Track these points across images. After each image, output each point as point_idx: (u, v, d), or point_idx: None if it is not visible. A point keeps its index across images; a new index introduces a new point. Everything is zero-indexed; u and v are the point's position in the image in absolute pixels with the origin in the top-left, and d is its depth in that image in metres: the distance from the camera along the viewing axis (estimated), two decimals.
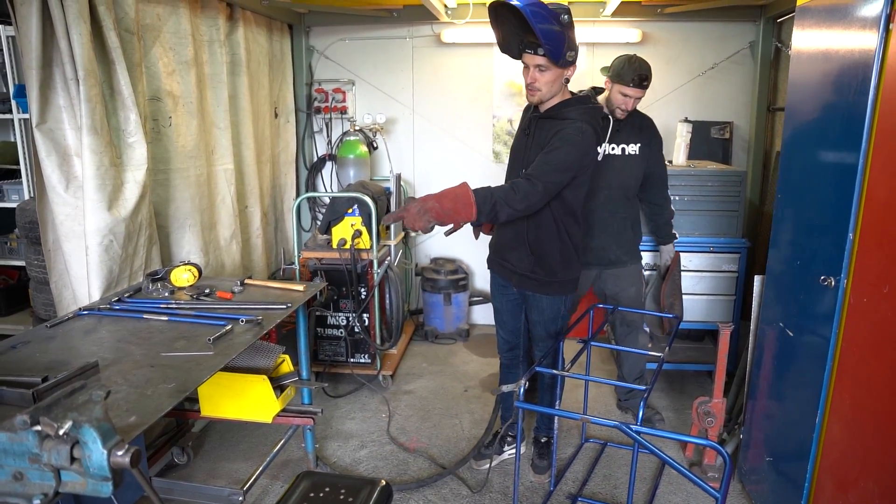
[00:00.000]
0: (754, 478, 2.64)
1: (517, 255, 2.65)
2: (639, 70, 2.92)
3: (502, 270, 2.78)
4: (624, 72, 2.93)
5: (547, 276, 2.62)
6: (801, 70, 2.34)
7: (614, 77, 2.97)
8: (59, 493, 1.31)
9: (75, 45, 2.35)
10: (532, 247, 2.60)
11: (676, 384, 3.89)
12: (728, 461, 1.87)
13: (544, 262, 2.61)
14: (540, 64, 2.37)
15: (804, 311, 2.24)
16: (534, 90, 2.43)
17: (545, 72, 2.38)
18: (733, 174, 3.54)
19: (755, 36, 4.13)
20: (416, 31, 4.54)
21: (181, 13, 3.06)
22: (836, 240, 2.00)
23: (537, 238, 2.58)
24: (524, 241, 2.61)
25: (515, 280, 2.71)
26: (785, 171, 2.45)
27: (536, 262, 2.61)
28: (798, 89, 2.36)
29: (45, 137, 2.46)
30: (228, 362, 2.63)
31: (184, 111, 3.12)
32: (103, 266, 2.57)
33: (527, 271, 2.64)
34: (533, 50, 2.34)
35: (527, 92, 2.47)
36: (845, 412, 1.99)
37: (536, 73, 2.39)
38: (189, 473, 2.93)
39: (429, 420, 3.50)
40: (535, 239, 2.59)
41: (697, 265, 3.59)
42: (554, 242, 2.58)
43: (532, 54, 2.36)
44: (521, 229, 2.60)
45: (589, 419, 2.14)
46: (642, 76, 2.93)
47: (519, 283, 2.71)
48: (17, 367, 1.93)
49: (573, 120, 2.42)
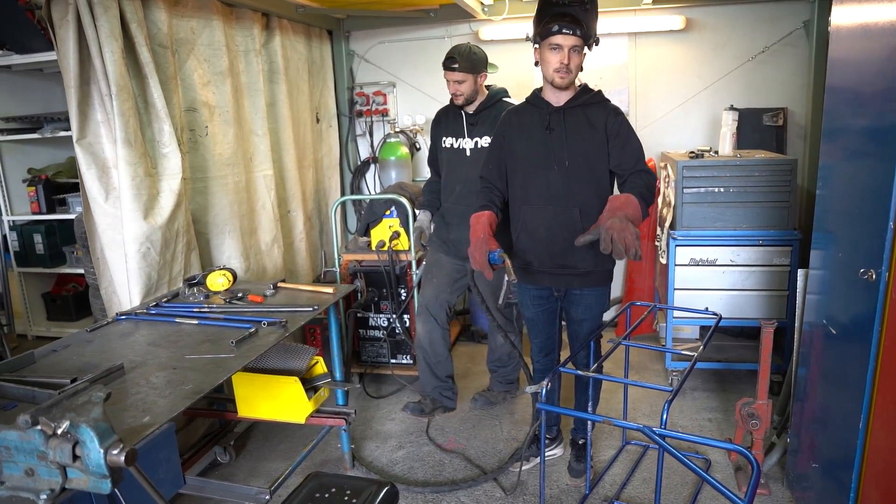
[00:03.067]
0: (802, 485, 2.49)
1: (578, 254, 2.51)
2: (450, 51, 3.05)
3: (554, 280, 2.63)
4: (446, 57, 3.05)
5: (607, 264, 2.59)
6: (840, 48, 2.18)
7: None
8: (66, 489, 1.38)
9: (108, 63, 2.47)
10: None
11: (729, 384, 3.72)
12: (756, 466, 1.76)
13: (602, 252, 2.54)
14: (576, 45, 2.36)
15: (846, 307, 2.08)
16: (567, 72, 2.39)
17: (579, 54, 2.38)
18: (783, 162, 3.34)
19: (809, 14, 3.89)
20: (454, 31, 4.53)
21: (215, 26, 3.17)
22: (877, 230, 1.85)
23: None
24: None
25: (577, 282, 2.60)
26: (826, 156, 2.29)
27: (596, 253, 2.46)
28: (837, 69, 2.20)
29: (85, 151, 2.60)
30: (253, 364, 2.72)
31: (220, 120, 3.22)
32: (142, 272, 2.69)
33: (590, 267, 2.55)
34: (571, 30, 2.32)
35: (558, 76, 2.40)
36: (890, 417, 1.84)
37: (573, 55, 2.37)
38: (231, 472, 3.03)
39: (468, 421, 3.48)
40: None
41: (746, 259, 3.41)
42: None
43: (570, 34, 2.33)
44: (576, 226, 2.48)
45: (612, 422, 2.07)
46: (449, 57, 3.02)
47: (580, 283, 2.60)
48: (53, 370, 2.04)
49: (600, 104, 2.49)
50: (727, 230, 3.41)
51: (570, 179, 2.49)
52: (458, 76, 3.03)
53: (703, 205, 3.42)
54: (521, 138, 2.59)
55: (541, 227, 2.56)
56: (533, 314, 2.78)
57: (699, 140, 4.23)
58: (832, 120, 2.25)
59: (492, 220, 2.50)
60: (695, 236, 3.44)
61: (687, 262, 3.47)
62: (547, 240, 2.56)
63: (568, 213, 2.50)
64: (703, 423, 3.33)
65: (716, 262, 3.44)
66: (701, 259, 3.45)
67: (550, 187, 2.52)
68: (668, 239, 3.50)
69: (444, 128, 3.24)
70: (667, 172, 3.71)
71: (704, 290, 3.48)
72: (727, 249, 3.42)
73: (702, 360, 3.58)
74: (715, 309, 2.93)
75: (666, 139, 4.32)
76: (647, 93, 4.33)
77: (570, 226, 2.50)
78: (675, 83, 4.26)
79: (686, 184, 3.41)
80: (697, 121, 4.27)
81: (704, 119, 4.24)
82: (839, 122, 2.20)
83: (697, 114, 4.26)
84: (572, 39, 2.33)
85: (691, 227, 3.45)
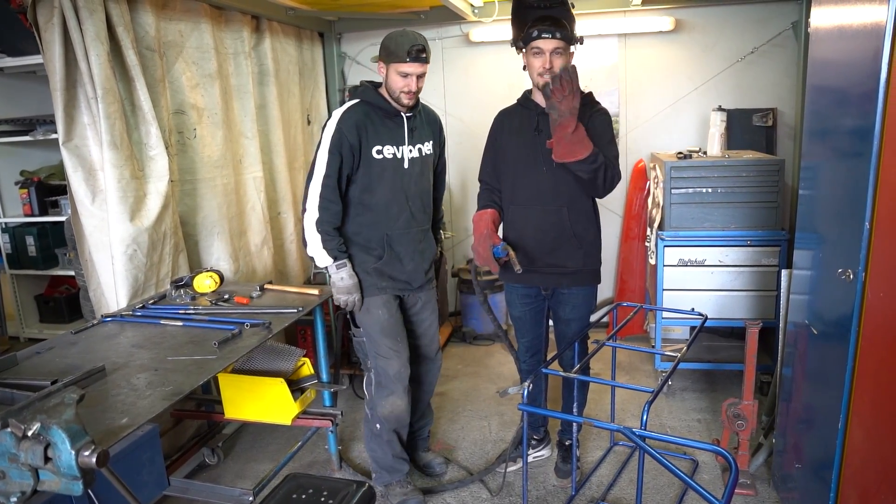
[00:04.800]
0: (787, 486, 2.49)
1: (565, 253, 2.56)
2: (415, 39, 2.40)
3: (542, 279, 2.64)
4: (399, 45, 2.39)
5: (594, 264, 2.62)
6: (819, 49, 2.19)
7: (389, 56, 2.43)
8: (38, 491, 1.38)
9: (94, 66, 2.48)
10: (580, 239, 2.56)
11: (718, 385, 3.72)
12: (734, 466, 1.76)
13: (590, 251, 2.59)
14: (559, 48, 2.38)
15: (827, 307, 2.09)
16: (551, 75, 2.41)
17: (561, 56, 2.39)
18: (770, 163, 3.35)
19: (798, 15, 3.90)
20: (445, 32, 4.54)
21: (203, 28, 3.18)
22: (854, 230, 1.85)
23: (584, 228, 2.57)
24: (570, 236, 2.55)
25: (566, 281, 2.62)
26: (808, 157, 2.30)
27: (585, 253, 2.57)
28: (817, 70, 2.20)
29: (72, 154, 2.61)
30: (240, 365, 2.74)
31: (209, 122, 3.23)
32: (128, 274, 2.70)
33: (578, 267, 2.58)
34: (550, 34, 2.34)
35: (541, 80, 2.41)
36: (866, 418, 1.84)
37: (554, 58, 2.39)
38: (218, 474, 3.03)
39: (457, 422, 3.49)
40: (582, 230, 2.56)
41: (734, 260, 3.41)
42: (593, 229, 2.60)
43: (550, 38, 2.35)
44: (564, 225, 2.53)
45: (593, 423, 2.07)
46: (420, 47, 2.40)
47: (569, 282, 2.62)
48: (35, 371, 2.05)
49: (588, 105, 2.47)
50: (716, 230, 3.42)
51: (558, 180, 2.51)
52: (425, 68, 2.47)
53: (691, 205, 3.42)
54: (511, 140, 2.62)
55: (529, 227, 2.59)
56: (520, 313, 2.80)
57: (689, 141, 4.23)
58: (813, 120, 2.25)
59: (494, 217, 2.58)
60: (683, 237, 3.45)
61: (675, 262, 3.48)
62: (535, 239, 2.59)
63: (556, 213, 2.53)
64: (692, 424, 3.33)
65: (704, 263, 3.45)
66: (689, 260, 3.46)
67: (539, 187, 2.55)
68: (657, 240, 3.51)
69: (374, 135, 2.51)
70: (656, 173, 3.72)
71: (693, 291, 3.48)
72: (716, 250, 3.43)
73: (691, 361, 3.60)
74: (704, 309, 2.93)
75: (656, 140, 4.33)
76: (638, 94, 4.34)
77: (558, 225, 2.54)
78: (665, 84, 4.27)
79: (674, 184, 3.42)
80: (687, 121, 4.28)
81: (694, 120, 4.24)
82: (820, 123, 2.20)
83: (688, 114, 4.27)
84: (553, 43, 2.36)
85: (680, 228, 3.45)
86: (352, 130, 2.45)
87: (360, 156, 2.49)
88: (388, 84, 2.49)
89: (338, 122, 2.47)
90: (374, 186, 2.54)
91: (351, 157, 2.48)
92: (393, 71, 2.43)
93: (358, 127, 2.46)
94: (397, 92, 2.46)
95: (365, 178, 2.53)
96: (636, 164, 4.27)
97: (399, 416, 2.68)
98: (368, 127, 2.49)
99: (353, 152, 2.47)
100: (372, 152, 2.50)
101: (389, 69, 2.45)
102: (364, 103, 2.52)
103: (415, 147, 2.60)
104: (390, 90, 2.49)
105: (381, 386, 2.67)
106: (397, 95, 2.48)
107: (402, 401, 2.67)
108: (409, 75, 2.42)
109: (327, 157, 2.44)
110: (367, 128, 2.48)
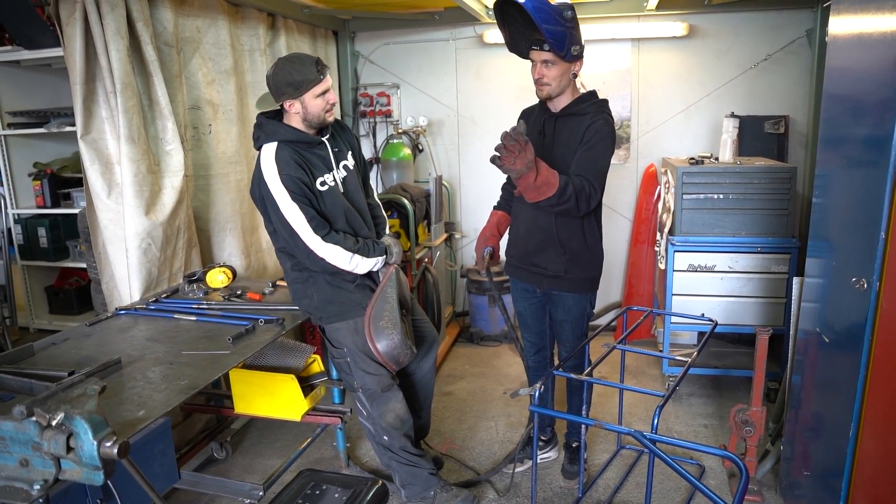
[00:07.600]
0: (795, 493, 2.49)
1: (547, 256, 2.62)
2: (309, 56, 2.34)
3: (530, 277, 2.72)
4: (302, 71, 2.30)
5: (579, 273, 2.61)
6: (837, 57, 2.19)
7: (298, 88, 2.31)
8: (60, 480, 1.40)
9: (113, 61, 2.51)
10: (563, 245, 2.57)
11: (726, 391, 3.72)
12: (745, 472, 1.77)
13: (576, 259, 2.59)
14: (546, 59, 2.40)
15: (839, 316, 2.09)
16: (543, 85, 2.46)
17: (552, 67, 2.41)
18: (782, 170, 3.35)
19: (813, 23, 3.90)
20: (459, 33, 4.55)
21: (220, 25, 3.20)
22: (869, 239, 1.85)
23: (569, 236, 2.57)
24: (555, 241, 2.58)
25: (547, 283, 2.67)
26: (822, 165, 2.30)
27: (568, 260, 2.59)
28: (834, 78, 2.21)
29: (89, 147, 2.63)
30: (251, 361, 2.75)
31: (224, 119, 3.25)
32: (142, 268, 2.71)
33: (559, 272, 2.61)
34: (539, 46, 2.38)
35: (536, 88, 2.49)
36: (879, 427, 1.85)
37: (544, 69, 2.43)
38: (226, 468, 3.05)
39: (465, 422, 3.50)
40: (566, 237, 2.57)
41: (744, 266, 3.41)
42: (581, 238, 2.59)
43: (538, 50, 2.40)
44: (550, 230, 2.57)
45: (603, 426, 2.08)
46: (318, 58, 2.34)
47: (550, 284, 2.67)
48: (51, 362, 2.07)
49: (593, 113, 2.46)
50: (726, 237, 3.42)
51: None
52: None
53: (702, 211, 3.43)
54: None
55: (522, 226, 2.70)
56: (521, 307, 2.88)
57: (701, 146, 4.24)
58: (829, 128, 2.25)
59: (500, 220, 2.76)
60: (694, 242, 3.45)
61: (685, 267, 3.48)
62: (525, 238, 2.69)
63: (546, 217, 2.56)
64: (699, 429, 3.33)
65: (714, 269, 3.45)
66: (699, 265, 3.46)
67: None
68: (667, 244, 3.52)
69: (313, 168, 2.41)
70: (667, 178, 3.72)
71: (702, 296, 3.49)
72: (726, 256, 3.43)
73: (699, 367, 3.60)
74: (713, 315, 2.93)
75: (667, 145, 4.33)
76: (650, 98, 4.34)
77: (546, 229, 2.59)
78: (678, 89, 4.27)
79: (686, 190, 3.42)
80: (699, 127, 4.28)
81: (706, 125, 4.25)
82: (835, 131, 2.21)
83: (699, 120, 4.27)
84: (542, 55, 2.39)
85: (690, 233, 3.46)
86: (297, 169, 2.33)
87: (312, 191, 2.38)
88: (307, 115, 2.37)
89: (277, 169, 2.31)
90: (331, 217, 2.44)
91: (311, 195, 2.37)
92: (310, 97, 2.33)
93: (298, 164, 2.34)
94: (321, 114, 2.38)
95: (322, 212, 2.42)
96: (647, 168, 4.28)
97: (402, 417, 2.63)
98: (303, 163, 2.37)
99: (310, 189, 2.36)
100: (317, 185, 2.40)
101: (305, 99, 2.33)
102: (285, 143, 2.37)
103: (340, 167, 2.52)
104: (312, 117, 2.38)
105: (376, 398, 2.59)
106: (322, 118, 2.40)
107: (401, 402, 2.64)
108: (328, 90, 2.37)
109: (296, 206, 2.30)
110: (303, 164, 2.37)
